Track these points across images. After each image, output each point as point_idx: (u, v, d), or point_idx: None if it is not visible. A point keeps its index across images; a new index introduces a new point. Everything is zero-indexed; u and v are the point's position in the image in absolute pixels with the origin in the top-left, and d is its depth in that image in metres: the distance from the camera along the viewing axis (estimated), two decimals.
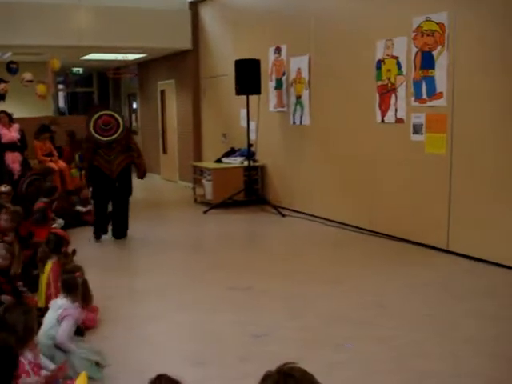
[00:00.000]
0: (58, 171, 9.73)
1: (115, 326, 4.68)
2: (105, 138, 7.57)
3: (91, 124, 7.61)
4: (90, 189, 8.34)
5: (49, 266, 4.81)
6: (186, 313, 5.03)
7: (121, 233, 7.92)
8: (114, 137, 7.58)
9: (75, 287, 4.04)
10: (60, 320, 3.85)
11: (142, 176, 8.27)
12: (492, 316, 4.77)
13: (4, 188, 7.65)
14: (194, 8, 12.23)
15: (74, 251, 5.41)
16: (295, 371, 2.00)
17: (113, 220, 7.96)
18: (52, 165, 9.56)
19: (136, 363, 4.00)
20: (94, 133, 7.57)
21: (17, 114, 9.79)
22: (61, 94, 18.70)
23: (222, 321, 4.79)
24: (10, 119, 9.23)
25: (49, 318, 3.94)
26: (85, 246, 7.24)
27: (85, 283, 4.16)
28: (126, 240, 7.93)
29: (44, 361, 3.45)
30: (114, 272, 6.36)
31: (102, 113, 7.77)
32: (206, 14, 12.05)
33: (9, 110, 9.55)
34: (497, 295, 5.32)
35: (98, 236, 7.83)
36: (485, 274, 5.95)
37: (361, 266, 6.36)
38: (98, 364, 3.82)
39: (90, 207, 8.88)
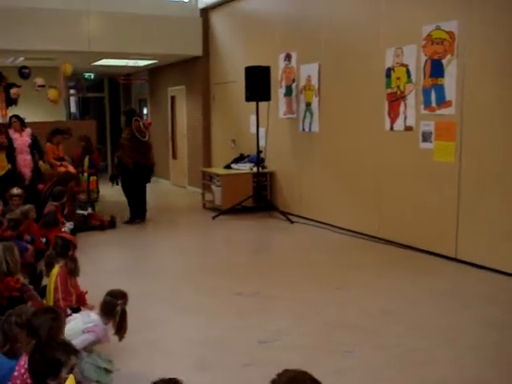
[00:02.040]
0: None
1: None
2: (143, 139, 9.37)
3: (133, 126, 9.29)
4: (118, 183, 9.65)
5: (56, 269, 4.79)
6: (192, 317, 5.05)
7: (145, 214, 9.68)
8: (146, 138, 9.47)
9: (112, 314, 3.92)
10: (85, 331, 3.81)
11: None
12: (498, 323, 4.76)
13: (16, 190, 7.70)
14: (205, 15, 12.30)
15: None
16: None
17: (142, 204, 9.58)
18: (62, 169, 9.59)
19: (142, 367, 4.03)
20: (136, 133, 9.27)
21: (29, 118, 9.84)
22: (72, 99, 18.81)
23: (229, 326, 4.81)
24: (22, 124, 9.28)
25: (74, 325, 3.88)
26: (92, 250, 7.29)
27: (123, 313, 3.98)
28: (133, 243, 8.00)
29: None
30: (121, 275, 6.38)
31: (138, 117, 9.60)
32: (217, 20, 12.12)
33: (21, 115, 9.60)
34: (504, 303, 5.30)
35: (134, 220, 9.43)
36: (493, 282, 5.94)
37: (368, 273, 6.36)
38: (106, 370, 3.83)
39: (90, 210, 8.95)
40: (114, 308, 3.94)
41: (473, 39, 6.29)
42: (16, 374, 3.06)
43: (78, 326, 3.88)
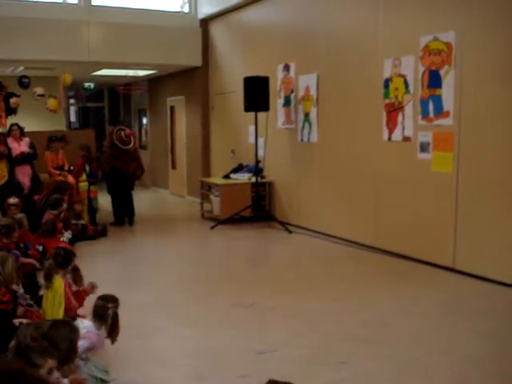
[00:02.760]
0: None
1: (120, 339, 4.66)
2: (124, 147, 9.89)
3: (114, 135, 9.93)
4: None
5: (60, 281, 4.76)
6: (189, 327, 5.04)
7: (133, 219, 10.23)
8: (129, 146, 9.95)
9: (104, 318, 3.91)
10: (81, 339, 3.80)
11: (138, 178, 10.57)
12: (495, 334, 4.75)
13: (13, 200, 7.71)
14: (205, 25, 12.35)
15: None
16: None
17: (128, 209, 10.16)
18: (60, 179, 9.59)
19: (139, 377, 4.01)
20: (116, 141, 9.85)
21: (28, 127, 9.87)
22: (72, 109, 18.87)
23: (225, 336, 4.80)
24: (21, 133, 9.30)
25: None
26: (90, 260, 7.27)
27: (115, 316, 3.97)
28: (131, 253, 7.99)
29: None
30: (118, 285, 6.34)
31: (122, 127, 10.21)
32: (217, 31, 12.16)
33: (21, 124, 9.63)
34: (501, 314, 5.30)
35: (118, 224, 9.98)
36: (490, 293, 5.93)
37: (365, 283, 6.35)
38: (102, 380, 3.82)
39: (82, 221, 8.95)
40: (106, 312, 3.94)
41: (470, 50, 6.32)
42: None
43: None
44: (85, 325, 3.90)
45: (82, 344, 3.71)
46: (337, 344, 4.59)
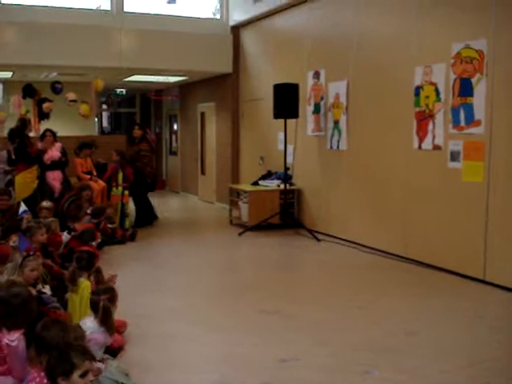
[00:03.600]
0: (99, 191, 9.87)
1: (143, 344, 4.71)
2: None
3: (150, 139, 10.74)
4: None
5: (84, 284, 4.81)
6: (214, 334, 5.04)
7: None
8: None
9: (97, 310, 3.97)
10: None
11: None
12: None
13: (46, 203, 7.85)
14: (236, 32, 12.40)
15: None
16: None
17: (151, 211, 10.90)
18: (92, 183, 9.70)
19: (159, 382, 4.02)
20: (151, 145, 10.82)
21: (61, 132, 10.01)
22: (105, 114, 19.10)
23: (250, 343, 4.78)
24: (54, 138, 9.45)
25: None
26: (116, 264, 7.33)
27: (107, 308, 4.00)
28: (158, 258, 8.05)
29: None
30: (145, 290, 6.41)
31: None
32: (247, 38, 12.21)
33: (53, 129, 9.78)
34: None
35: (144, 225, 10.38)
36: None
37: (392, 292, 6.28)
38: None
39: (112, 225, 9.02)
40: (98, 305, 3.98)
41: (502, 58, 6.22)
42: None
43: None
44: (87, 326, 3.91)
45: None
46: (361, 353, 4.53)
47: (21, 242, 5.20)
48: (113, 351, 4.26)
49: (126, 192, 10.05)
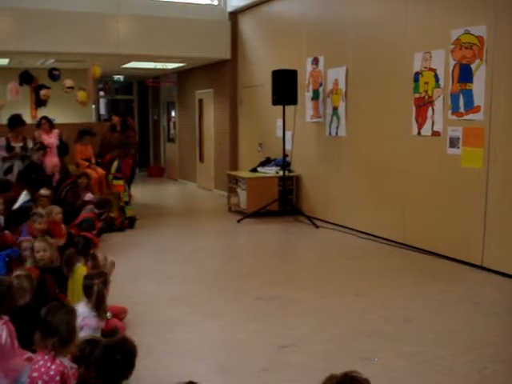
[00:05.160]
0: (97, 179, 9.83)
1: (142, 331, 4.72)
2: None
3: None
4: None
5: (80, 270, 4.81)
6: (213, 320, 5.04)
7: None
8: None
9: (91, 295, 3.97)
10: (79, 329, 3.80)
11: None
12: None
13: (44, 191, 7.84)
14: (234, 18, 12.34)
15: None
16: (361, 379, 2.23)
17: None
18: (89, 171, 9.67)
19: (161, 368, 4.03)
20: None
21: (58, 119, 9.99)
22: (102, 101, 19.03)
23: (248, 330, 4.79)
24: (50, 125, 9.41)
25: None
26: (115, 251, 7.33)
27: (100, 292, 4.00)
28: (156, 245, 8.06)
29: None
30: (144, 277, 6.42)
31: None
32: (245, 24, 12.14)
33: (50, 116, 9.74)
34: None
35: None
36: None
37: (391, 279, 6.29)
38: None
39: (111, 214, 8.97)
40: (91, 289, 3.98)
41: (502, 44, 6.19)
42: (35, 374, 3.06)
43: None
44: (80, 311, 3.88)
45: (83, 336, 3.65)
46: (360, 340, 4.55)
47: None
48: (108, 335, 4.27)
49: (117, 182, 9.73)
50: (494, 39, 6.27)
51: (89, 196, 8.80)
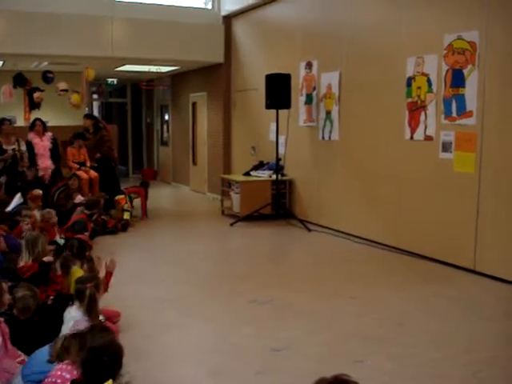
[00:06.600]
0: (87, 180, 9.81)
1: (135, 333, 4.72)
2: None
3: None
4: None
5: (79, 271, 4.80)
6: (206, 323, 5.05)
7: None
8: None
9: (83, 298, 3.95)
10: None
11: None
12: None
13: (36, 192, 7.87)
14: (228, 22, 12.36)
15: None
16: (351, 382, 2.20)
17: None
18: (80, 173, 9.65)
19: (155, 371, 4.02)
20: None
21: (51, 122, 9.97)
22: (96, 104, 19.00)
23: (242, 333, 4.80)
24: (44, 128, 9.40)
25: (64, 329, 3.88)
26: (108, 254, 7.31)
27: (92, 296, 3.97)
28: (150, 248, 8.05)
29: None
30: (137, 280, 6.42)
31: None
32: (239, 28, 12.17)
33: (44, 119, 9.72)
34: None
35: None
36: (511, 295, 5.85)
37: (384, 282, 6.31)
38: None
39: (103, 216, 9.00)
40: (84, 293, 3.95)
41: (494, 49, 6.23)
42: (48, 380, 3.06)
43: (64, 328, 3.89)
44: (72, 315, 3.88)
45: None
46: (353, 343, 4.56)
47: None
48: None
49: (121, 196, 9.86)
50: (486, 45, 6.31)
51: (79, 198, 8.82)
